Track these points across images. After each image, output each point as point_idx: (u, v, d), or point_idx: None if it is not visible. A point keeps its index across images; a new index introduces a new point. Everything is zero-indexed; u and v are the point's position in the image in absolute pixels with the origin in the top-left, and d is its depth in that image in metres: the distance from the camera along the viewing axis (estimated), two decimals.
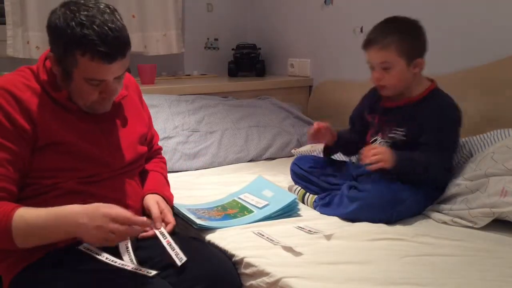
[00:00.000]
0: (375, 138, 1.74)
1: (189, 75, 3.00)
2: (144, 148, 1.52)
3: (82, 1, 1.24)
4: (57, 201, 1.22)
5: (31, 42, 2.46)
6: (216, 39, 3.15)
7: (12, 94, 1.25)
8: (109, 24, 1.21)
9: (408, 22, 1.65)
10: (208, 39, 3.13)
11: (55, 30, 1.23)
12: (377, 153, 1.55)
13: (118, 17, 1.26)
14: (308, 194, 1.76)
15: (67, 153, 1.29)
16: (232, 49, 3.02)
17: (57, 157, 1.28)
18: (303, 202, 1.76)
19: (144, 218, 1.24)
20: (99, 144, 1.36)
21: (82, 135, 1.32)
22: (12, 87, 1.26)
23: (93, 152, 1.33)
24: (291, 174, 1.88)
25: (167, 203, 1.48)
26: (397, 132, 1.66)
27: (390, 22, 1.66)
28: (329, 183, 1.76)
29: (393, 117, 1.69)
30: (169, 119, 2.28)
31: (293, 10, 2.97)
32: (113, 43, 1.21)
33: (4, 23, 2.42)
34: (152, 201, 1.44)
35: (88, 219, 1.16)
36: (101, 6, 1.24)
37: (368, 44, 1.66)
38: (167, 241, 1.31)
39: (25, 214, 1.18)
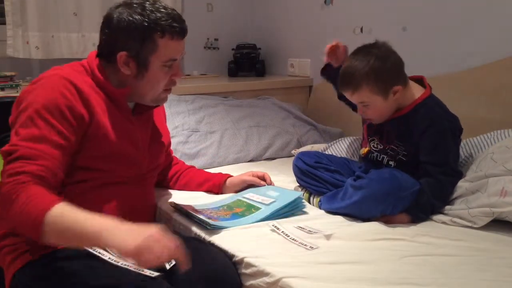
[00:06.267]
0: (375, 141, 1.73)
1: (189, 75, 3.00)
2: (163, 158, 1.63)
3: None
4: (90, 193, 1.32)
5: (31, 42, 2.46)
6: (216, 39, 3.15)
7: (74, 84, 1.32)
8: (169, 6, 1.40)
9: (374, 52, 1.58)
10: (208, 39, 3.13)
11: (128, 26, 1.34)
12: (393, 223, 1.53)
13: None
14: (313, 196, 1.74)
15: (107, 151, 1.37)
16: (232, 49, 3.02)
17: (97, 149, 1.35)
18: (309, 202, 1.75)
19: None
20: (136, 145, 1.44)
21: (125, 134, 1.41)
22: (73, 78, 1.33)
23: (130, 151, 1.42)
24: (294, 170, 1.82)
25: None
26: (399, 147, 1.65)
27: (356, 58, 1.59)
28: (335, 179, 1.73)
29: (387, 128, 1.68)
30: (169, 119, 2.26)
31: (293, 10, 2.97)
32: (181, 20, 1.39)
33: (4, 23, 2.42)
34: (244, 176, 1.78)
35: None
36: None
37: (341, 87, 1.64)
38: None
39: (64, 212, 1.11)
